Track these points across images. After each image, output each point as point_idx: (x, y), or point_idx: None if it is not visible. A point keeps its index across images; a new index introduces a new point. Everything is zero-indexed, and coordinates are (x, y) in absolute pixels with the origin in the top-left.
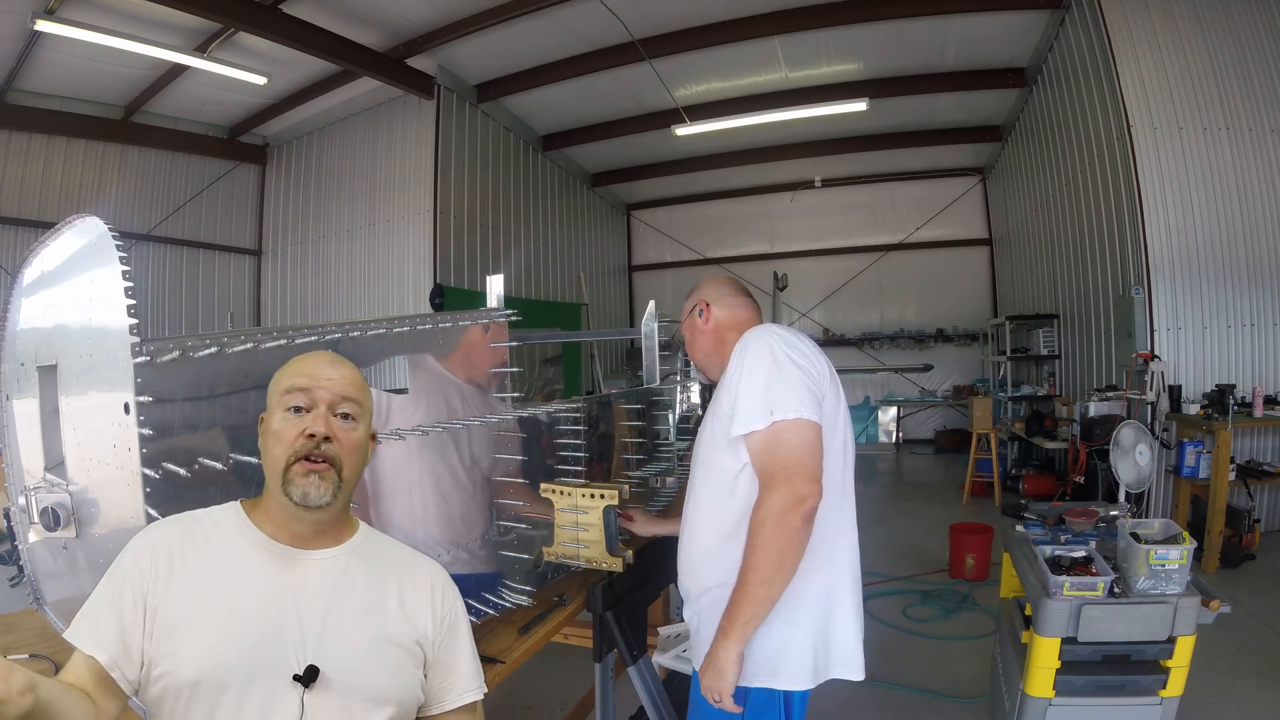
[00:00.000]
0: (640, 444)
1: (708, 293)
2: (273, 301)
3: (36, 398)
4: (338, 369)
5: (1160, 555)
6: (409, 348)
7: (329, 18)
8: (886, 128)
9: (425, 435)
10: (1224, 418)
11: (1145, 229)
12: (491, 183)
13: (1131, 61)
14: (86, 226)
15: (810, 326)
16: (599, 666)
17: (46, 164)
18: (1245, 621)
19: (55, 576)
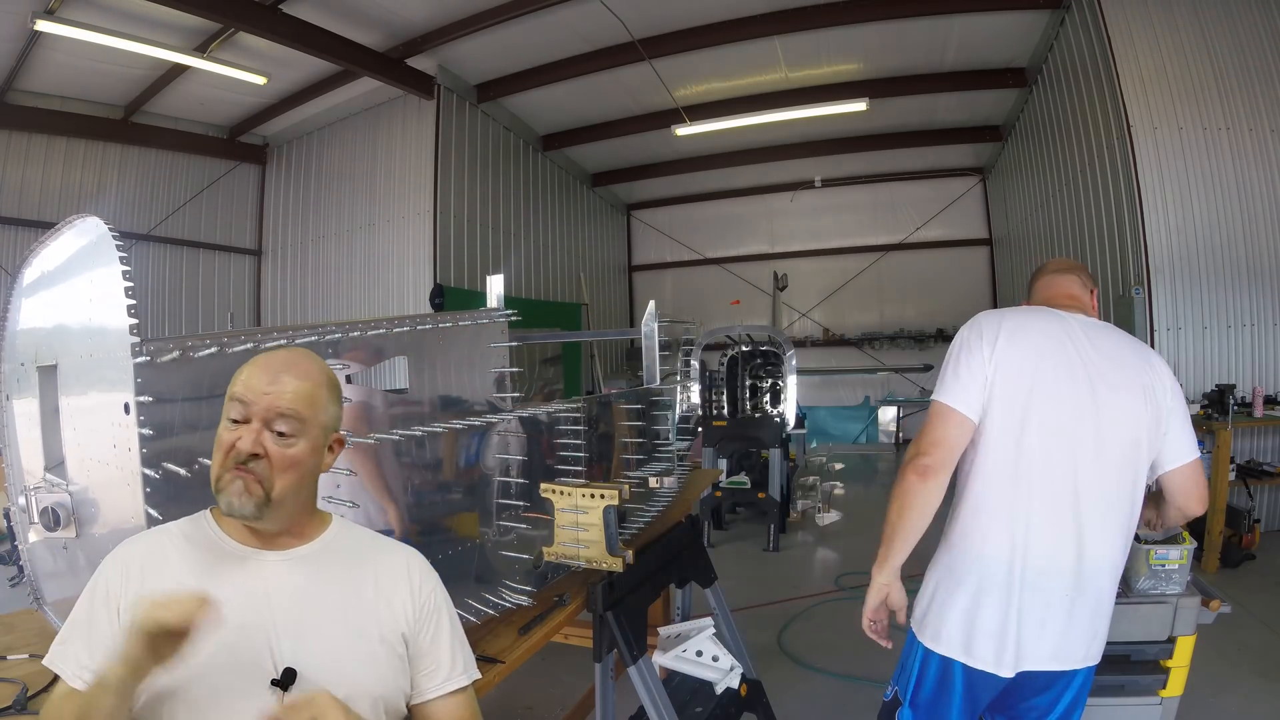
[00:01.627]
0: (640, 444)
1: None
2: (273, 301)
3: (36, 398)
4: (281, 381)
5: (1160, 555)
6: (409, 348)
7: (329, 18)
8: (886, 128)
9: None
10: (1224, 418)
11: (1145, 229)
12: (491, 183)
13: (1131, 61)
14: (86, 226)
15: (810, 326)
16: (599, 666)
17: (46, 164)
18: (1245, 621)
19: (55, 576)
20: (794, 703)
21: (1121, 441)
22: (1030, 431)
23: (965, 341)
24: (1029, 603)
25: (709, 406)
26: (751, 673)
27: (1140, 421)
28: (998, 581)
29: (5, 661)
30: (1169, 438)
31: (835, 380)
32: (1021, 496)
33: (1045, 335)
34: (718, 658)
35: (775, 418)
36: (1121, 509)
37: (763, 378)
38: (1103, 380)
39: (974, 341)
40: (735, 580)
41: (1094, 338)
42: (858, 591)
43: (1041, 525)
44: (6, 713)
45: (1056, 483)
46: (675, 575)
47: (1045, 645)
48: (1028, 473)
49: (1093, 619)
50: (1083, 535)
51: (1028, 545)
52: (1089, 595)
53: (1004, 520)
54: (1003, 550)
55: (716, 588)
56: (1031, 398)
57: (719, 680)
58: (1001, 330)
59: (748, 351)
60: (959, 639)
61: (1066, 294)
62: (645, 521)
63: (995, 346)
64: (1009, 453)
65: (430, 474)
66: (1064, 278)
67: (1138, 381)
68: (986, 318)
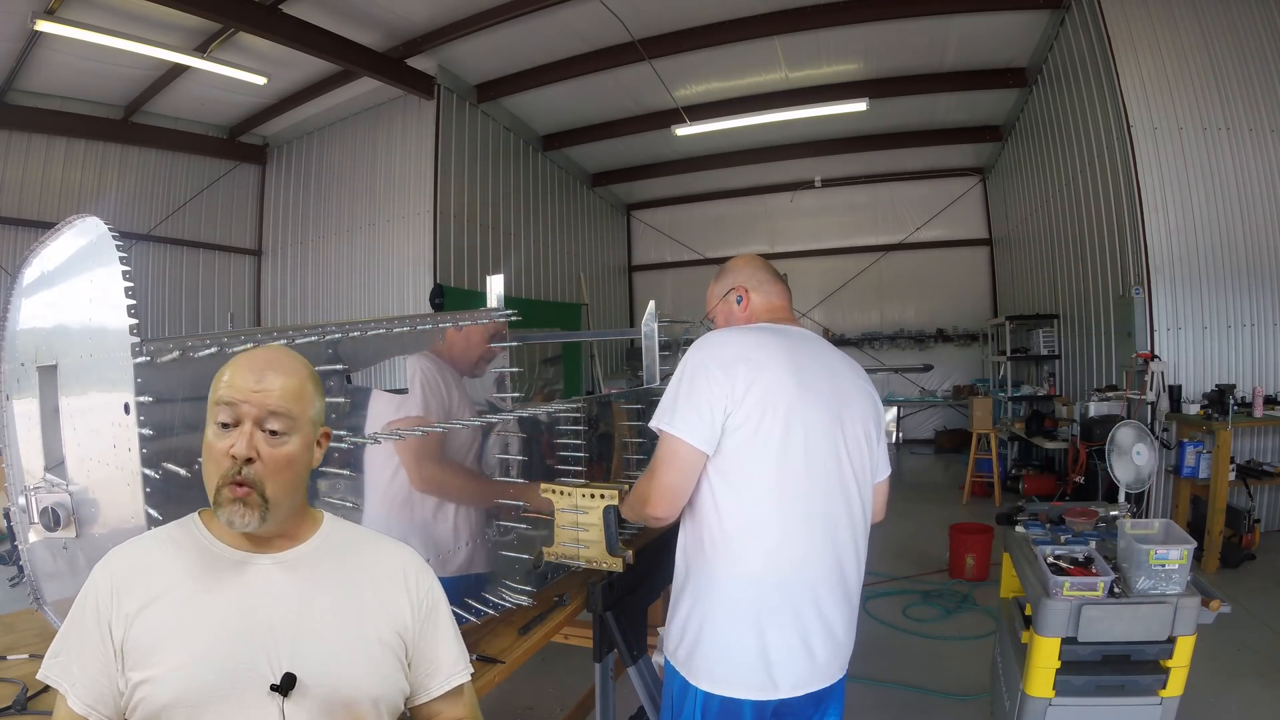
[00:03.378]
0: (640, 444)
1: (745, 277)
2: (273, 301)
3: (36, 398)
4: (267, 379)
5: (1160, 555)
6: (409, 348)
7: (329, 18)
8: (886, 128)
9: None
10: (1224, 418)
11: (1145, 229)
12: (491, 183)
13: (1131, 61)
14: (86, 226)
15: (810, 326)
16: (599, 666)
17: (46, 164)
18: (1245, 621)
19: (55, 576)
20: None
21: (861, 452)
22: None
23: (698, 367)
24: (805, 621)
25: None
26: None
27: (871, 435)
28: (772, 604)
29: (5, 661)
30: (880, 449)
31: None
32: (784, 516)
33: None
34: None
35: None
36: (865, 518)
37: None
38: (840, 395)
39: (710, 369)
40: None
41: (820, 353)
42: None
43: (807, 541)
44: (6, 713)
45: (815, 500)
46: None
47: (822, 660)
48: (788, 492)
49: (853, 628)
50: (840, 549)
51: (800, 562)
52: (853, 605)
53: (770, 541)
54: (774, 571)
55: None
56: (786, 417)
57: None
58: (742, 356)
59: None
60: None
61: (783, 306)
62: None
63: (736, 373)
64: (766, 474)
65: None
66: (778, 287)
67: (867, 395)
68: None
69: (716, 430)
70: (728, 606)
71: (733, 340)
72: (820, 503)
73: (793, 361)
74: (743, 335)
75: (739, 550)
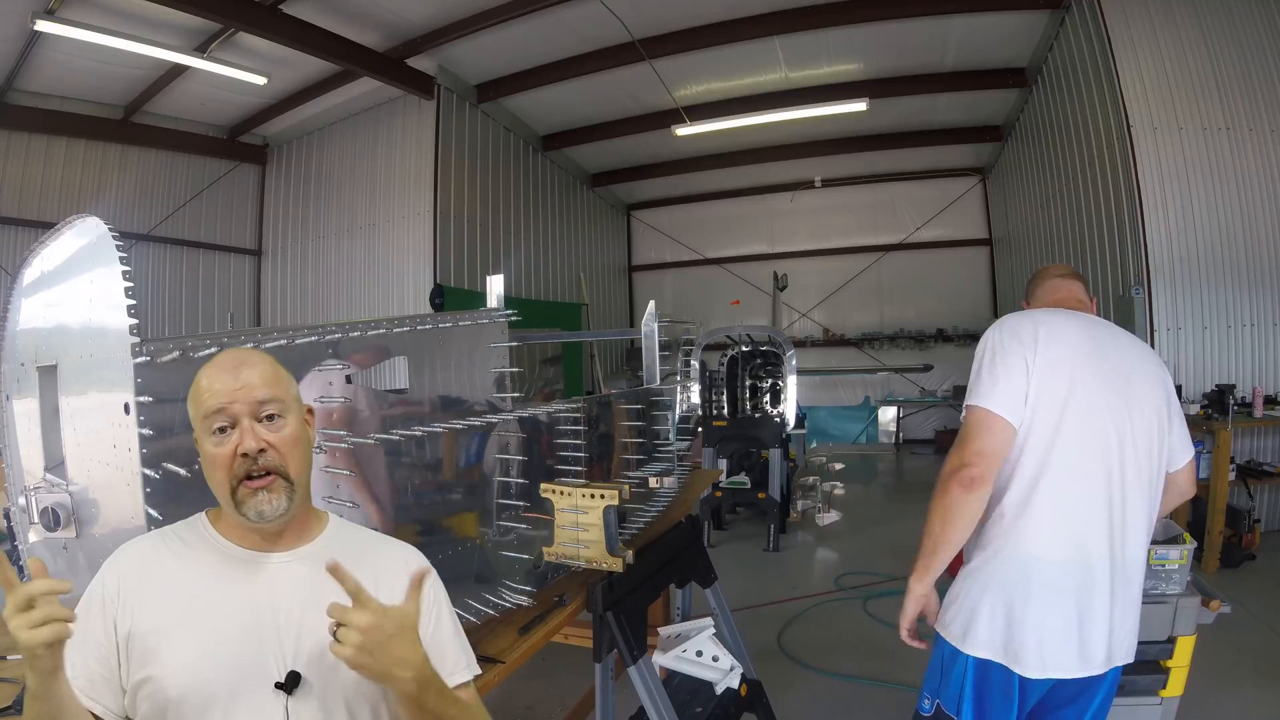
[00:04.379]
0: (640, 444)
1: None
2: (273, 301)
3: (36, 398)
4: (244, 372)
5: (1160, 555)
6: (409, 348)
7: (329, 18)
8: (886, 128)
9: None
10: (1224, 418)
11: (1145, 229)
12: (491, 183)
13: (1131, 61)
14: (86, 226)
15: (810, 327)
16: (599, 666)
17: (46, 164)
18: (1245, 621)
19: (55, 577)
20: (794, 703)
21: (1150, 437)
22: (1069, 432)
23: (1000, 344)
24: (1083, 603)
25: (709, 407)
26: (751, 673)
27: (1162, 418)
28: (1049, 583)
29: (5, 662)
30: (1174, 436)
31: (835, 380)
32: (1065, 496)
33: (1078, 335)
34: (718, 658)
35: (775, 418)
36: (1151, 504)
37: (763, 378)
38: (1131, 379)
39: (1010, 344)
40: (735, 580)
41: (1114, 338)
42: (857, 592)
43: (1085, 525)
44: (7, 713)
45: (1097, 482)
46: (675, 575)
47: (1096, 645)
48: (1071, 473)
49: (1135, 615)
50: (1126, 532)
51: (1077, 545)
52: (1132, 592)
53: (1051, 522)
54: (1054, 552)
55: (716, 588)
56: (1071, 398)
57: (719, 680)
58: (1039, 331)
59: (748, 352)
60: (1011, 644)
61: (1075, 298)
62: (645, 522)
63: (1035, 348)
64: (1052, 454)
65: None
66: (1070, 283)
67: (1158, 380)
68: (1018, 320)
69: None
70: (1003, 582)
71: (1027, 316)
72: (1102, 486)
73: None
74: (1035, 313)
75: (1019, 526)
